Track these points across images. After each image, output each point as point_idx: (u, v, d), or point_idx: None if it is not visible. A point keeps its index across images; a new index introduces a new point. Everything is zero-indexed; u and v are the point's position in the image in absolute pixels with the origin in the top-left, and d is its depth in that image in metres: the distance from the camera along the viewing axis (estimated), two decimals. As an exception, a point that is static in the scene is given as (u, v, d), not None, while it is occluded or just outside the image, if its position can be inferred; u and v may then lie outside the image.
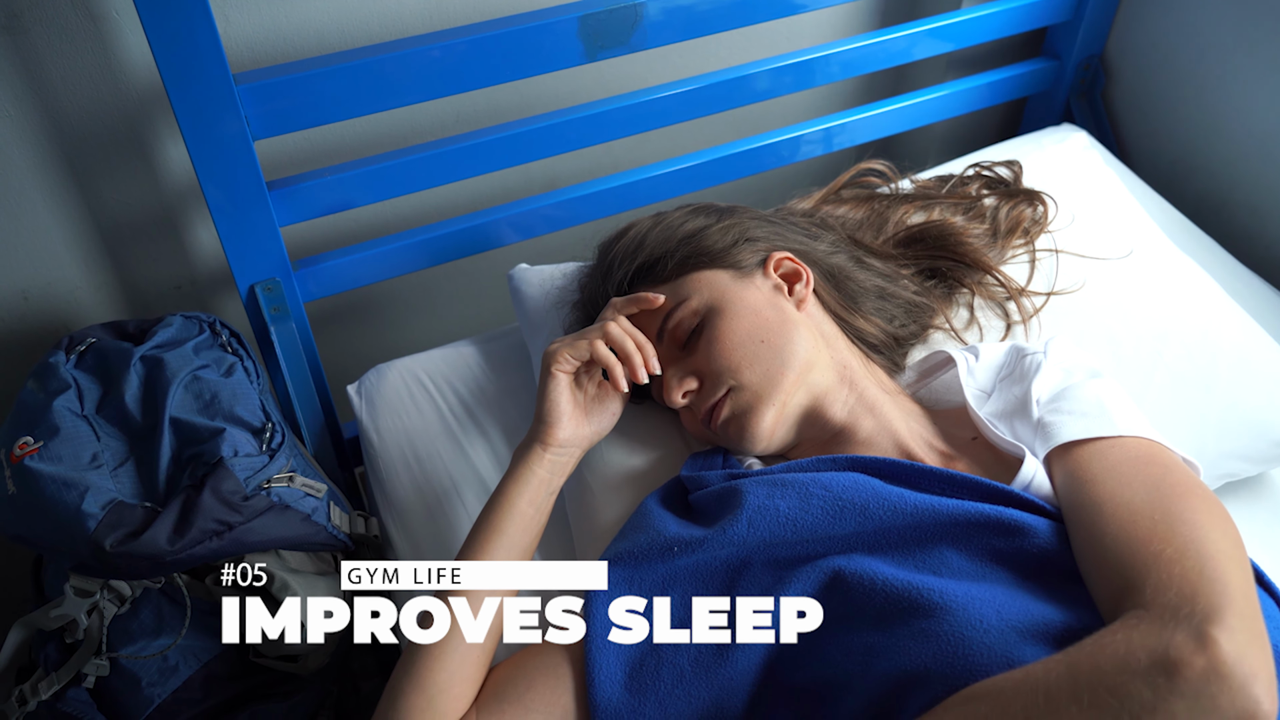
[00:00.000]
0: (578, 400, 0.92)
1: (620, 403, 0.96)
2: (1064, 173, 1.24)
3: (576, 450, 0.92)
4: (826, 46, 1.32)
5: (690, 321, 0.93)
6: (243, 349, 1.09)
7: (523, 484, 0.88)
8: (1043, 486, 0.82)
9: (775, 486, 0.84)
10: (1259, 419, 1.07)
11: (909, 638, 0.71)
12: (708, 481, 0.89)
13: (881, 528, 0.79)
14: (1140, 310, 1.11)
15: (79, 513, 0.89)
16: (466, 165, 1.18)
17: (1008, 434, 0.87)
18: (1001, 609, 0.71)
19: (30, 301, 1.22)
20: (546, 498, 0.90)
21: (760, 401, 0.89)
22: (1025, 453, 0.83)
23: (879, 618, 0.74)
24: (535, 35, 1.10)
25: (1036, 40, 1.57)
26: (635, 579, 0.84)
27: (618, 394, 0.94)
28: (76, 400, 1.00)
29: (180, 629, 0.98)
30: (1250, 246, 1.41)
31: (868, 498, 0.80)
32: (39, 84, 1.07)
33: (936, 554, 0.78)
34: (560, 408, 0.90)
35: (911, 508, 0.79)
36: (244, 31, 1.13)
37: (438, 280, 1.47)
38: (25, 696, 0.95)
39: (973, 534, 0.78)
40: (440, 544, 1.04)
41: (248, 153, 1.02)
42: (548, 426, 0.89)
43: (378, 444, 1.14)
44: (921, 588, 0.73)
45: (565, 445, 0.90)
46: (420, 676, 0.80)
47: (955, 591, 0.73)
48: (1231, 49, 1.36)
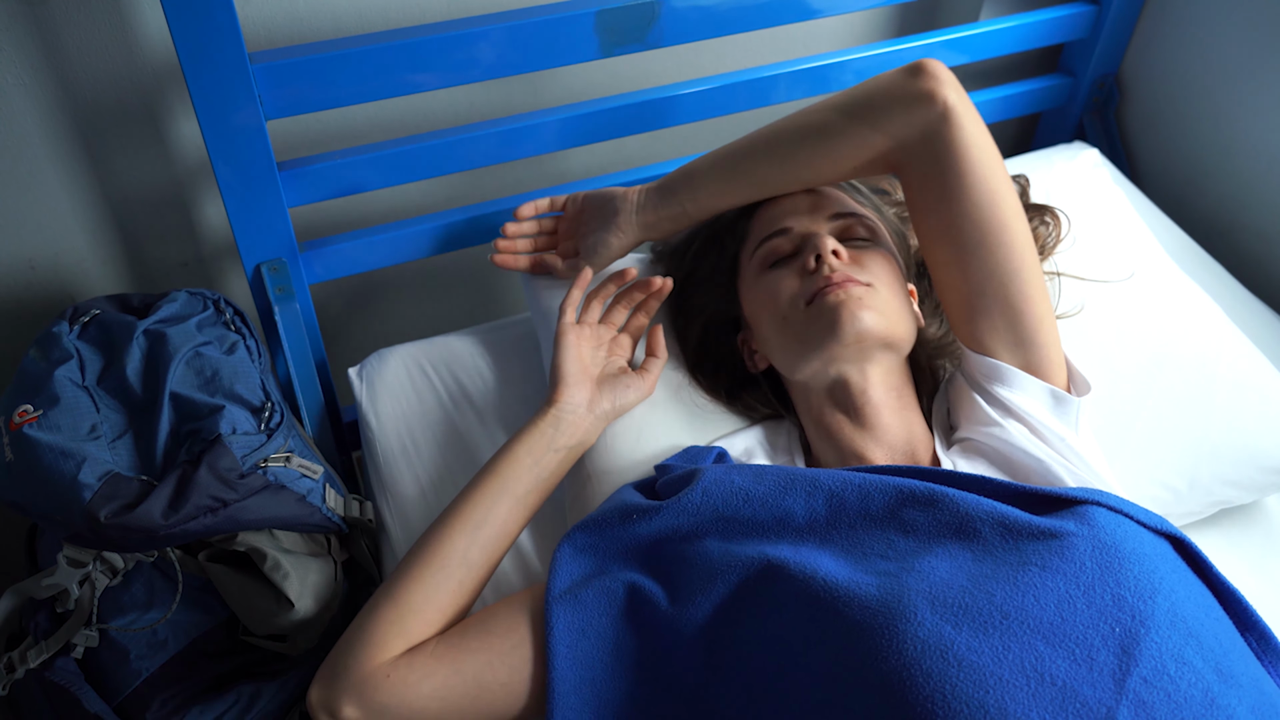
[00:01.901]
0: (585, 365, 0.98)
1: (644, 384, 1.00)
2: (1072, 189, 1.24)
3: (581, 413, 0.95)
4: (842, 53, 1.32)
5: (865, 235, 0.97)
6: (246, 328, 1.09)
7: (524, 435, 0.93)
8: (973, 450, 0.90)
9: (734, 469, 0.87)
10: (1255, 446, 1.07)
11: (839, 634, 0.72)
12: (675, 469, 0.91)
13: (832, 494, 0.81)
14: (1138, 332, 1.11)
15: (75, 483, 0.90)
16: (478, 155, 1.18)
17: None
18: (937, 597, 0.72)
19: (37, 271, 1.22)
20: (549, 454, 0.93)
21: (883, 316, 0.90)
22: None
23: (810, 614, 0.75)
24: (551, 28, 1.10)
25: (1052, 56, 1.57)
26: (598, 545, 0.86)
27: (640, 378, 1.00)
28: (78, 371, 1.00)
29: (171, 604, 0.99)
30: (1256, 272, 1.40)
31: (818, 472, 0.83)
32: (55, 55, 1.08)
33: (884, 538, 0.79)
34: (566, 366, 0.96)
35: (859, 478, 0.82)
36: (261, 11, 1.13)
37: (444, 268, 1.47)
38: (14, 664, 0.96)
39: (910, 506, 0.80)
40: (434, 531, 1.04)
41: (260, 132, 1.02)
42: (552, 385, 0.96)
43: (376, 429, 1.14)
44: (855, 594, 0.73)
45: (568, 407, 0.94)
46: (397, 592, 0.84)
47: (890, 590, 0.73)
48: (1246, 73, 1.36)
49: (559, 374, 0.96)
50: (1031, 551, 0.74)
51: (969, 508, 0.78)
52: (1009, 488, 0.81)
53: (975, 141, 0.90)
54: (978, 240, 0.90)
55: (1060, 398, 0.91)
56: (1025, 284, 0.91)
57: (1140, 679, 0.66)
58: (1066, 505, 0.79)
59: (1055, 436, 0.89)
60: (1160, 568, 0.73)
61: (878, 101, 0.92)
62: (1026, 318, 0.91)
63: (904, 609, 0.70)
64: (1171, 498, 1.06)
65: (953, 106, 0.89)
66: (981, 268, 0.91)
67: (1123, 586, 0.71)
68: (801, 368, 0.93)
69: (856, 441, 0.92)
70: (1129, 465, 1.05)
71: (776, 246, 0.96)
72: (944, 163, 0.90)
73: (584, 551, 0.86)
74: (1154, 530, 0.78)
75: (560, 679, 0.79)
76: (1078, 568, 0.72)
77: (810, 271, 0.92)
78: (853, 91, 0.95)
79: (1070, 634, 0.69)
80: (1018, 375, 0.91)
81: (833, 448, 0.93)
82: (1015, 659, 0.67)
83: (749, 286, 0.99)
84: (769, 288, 0.95)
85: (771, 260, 0.97)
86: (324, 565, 1.02)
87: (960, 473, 0.83)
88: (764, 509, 0.82)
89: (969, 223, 0.90)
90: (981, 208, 0.90)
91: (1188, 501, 1.07)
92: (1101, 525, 0.75)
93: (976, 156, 0.89)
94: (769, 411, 1.04)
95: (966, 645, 0.68)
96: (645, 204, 1.05)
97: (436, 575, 0.85)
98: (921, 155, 0.91)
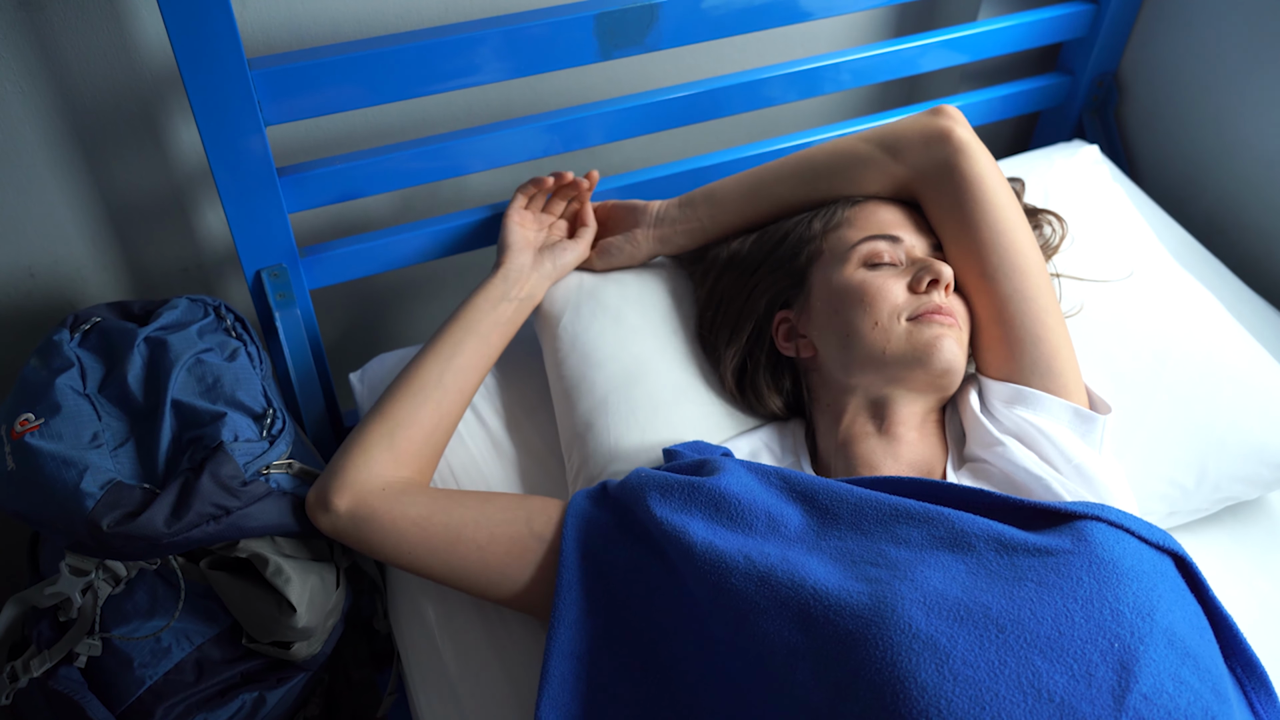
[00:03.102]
0: (528, 238, 1.12)
1: (578, 245, 1.13)
2: (1071, 188, 1.24)
3: (525, 269, 1.09)
4: (841, 54, 1.32)
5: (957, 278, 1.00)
6: (247, 334, 1.09)
7: (481, 290, 1.07)
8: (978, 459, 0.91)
9: (744, 464, 0.90)
10: (1261, 441, 1.07)
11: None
12: (684, 455, 0.94)
13: (826, 509, 0.83)
14: (1139, 329, 1.11)
15: (77, 491, 0.89)
16: (477, 159, 1.18)
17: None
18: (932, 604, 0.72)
19: (36, 279, 1.22)
20: (504, 302, 1.06)
21: (962, 360, 0.94)
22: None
23: (799, 622, 0.74)
24: (550, 31, 1.10)
25: (1051, 55, 1.57)
26: (615, 503, 0.91)
27: (575, 242, 1.13)
28: (79, 379, 1.00)
29: (174, 611, 0.98)
30: (1257, 269, 1.40)
31: (814, 484, 0.86)
32: (53, 62, 1.08)
33: (874, 549, 0.79)
34: (509, 237, 1.10)
35: (856, 495, 0.83)
36: (260, 16, 1.13)
37: (444, 272, 1.47)
38: (17, 673, 0.96)
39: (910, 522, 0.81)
40: (437, 536, 1.04)
41: (259, 138, 1.02)
42: (499, 252, 1.10)
43: (378, 433, 1.14)
44: (846, 602, 0.73)
45: (513, 268, 1.08)
46: (384, 410, 0.98)
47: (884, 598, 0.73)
48: (1246, 71, 1.36)
49: (505, 243, 1.10)
50: (1027, 567, 0.73)
51: (964, 524, 0.78)
52: (1006, 502, 0.81)
53: (987, 173, 0.98)
54: (995, 265, 0.94)
55: (1084, 416, 0.91)
56: (1041, 310, 0.93)
57: (1140, 696, 0.66)
58: (1064, 520, 0.78)
59: (1069, 457, 0.88)
60: (1159, 586, 0.72)
61: (902, 136, 1.02)
62: (1044, 344, 0.93)
63: (897, 618, 0.70)
64: (1179, 494, 1.06)
65: (966, 142, 0.99)
66: (999, 293, 0.94)
67: (1121, 603, 0.70)
68: (862, 375, 0.94)
69: (876, 453, 0.92)
70: (1136, 463, 1.05)
71: (881, 250, 0.97)
72: (961, 192, 0.97)
73: (598, 508, 0.90)
74: (1156, 546, 0.77)
75: (566, 585, 0.86)
76: (1074, 583, 0.71)
77: (919, 292, 0.94)
78: (880, 129, 1.05)
79: (1068, 649, 0.68)
80: (1040, 397, 0.92)
81: (845, 453, 0.93)
82: (1012, 674, 0.67)
83: (835, 274, 0.98)
84: (870, 286, 0.95)
85: (872, 261, 0.97)
86: (326, 571, 1.02)
87: (956, 485, 0.83)
88: (759, 508, 0.83)
89: (986, 248, 0.95)
90: (997, 234, 0.95)
91: (1195, 498, 1.07)
92: (1099, 541, 0.74)
93: (989, 186, 0.97)
94: (775, 408, 1.04)
95: (962, 659, 0.67)
96: (664, 217, 1.11)
97: (416, 395, 0.98)
98: (941, 185, 0.99)
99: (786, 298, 1.03)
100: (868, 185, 1.03)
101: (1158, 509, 1.06)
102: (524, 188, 1.14)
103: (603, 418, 1.02)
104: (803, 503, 0.84)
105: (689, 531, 0.82)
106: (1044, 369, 0.93)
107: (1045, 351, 0.93)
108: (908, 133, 1.02)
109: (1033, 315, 0.93)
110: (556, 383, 1.08)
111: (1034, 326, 0.93)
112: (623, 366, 1.05)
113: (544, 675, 0.82)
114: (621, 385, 1.03)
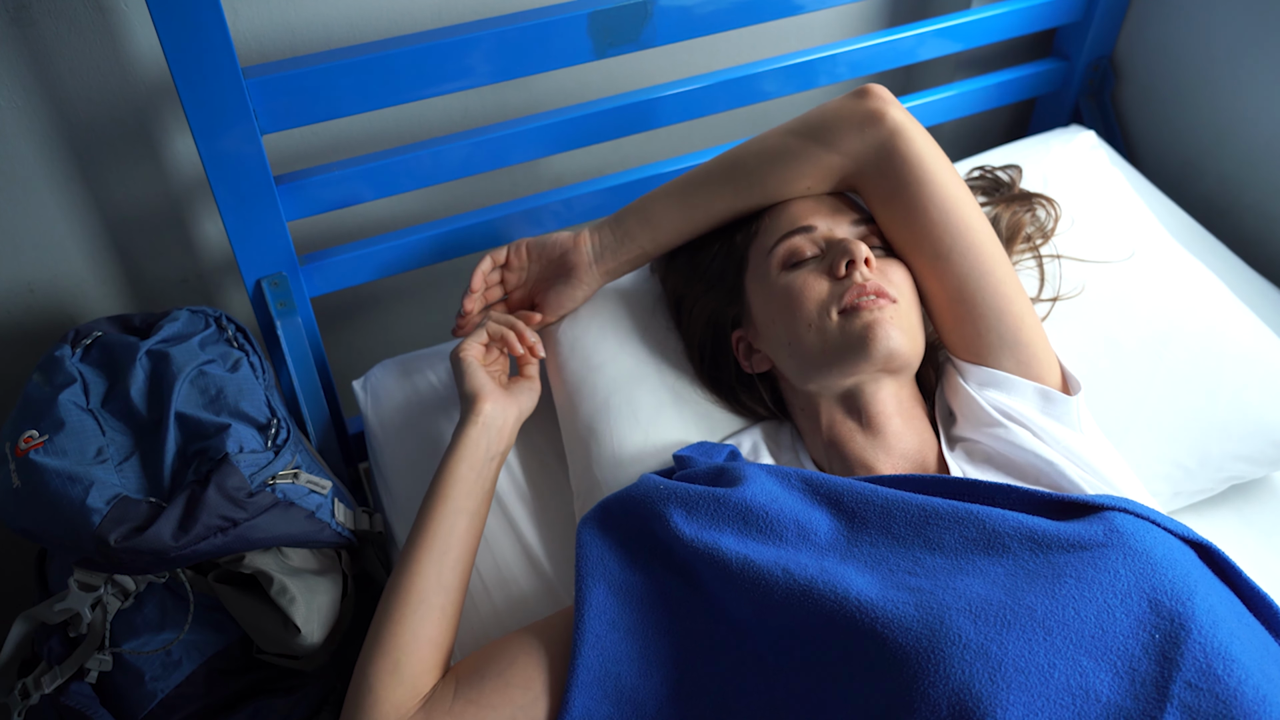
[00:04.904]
0: (495, 378, 1.00)
1: (535, 385, 1.03)
2: (1070, 172, 1.24)
3: (505, 419, 0.98)
4: (835, 46, 1.31)
5: (881, 243, 0.97)
6: (249, 344, 1.09)
7: (460, 452, 0.94)
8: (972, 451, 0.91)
9: (765, 470, 0.88)
10: (1264, 419, 1.07)
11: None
12: (694, 461, 0.92)
13: (853, 514, 0.81)
14: (1142, 311, 1.10)
15: (84, 507, 0.89)
16: (474, 161, 1.18)
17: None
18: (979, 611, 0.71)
19: (36, 294, 1.22)
20: (486, 463, 0.95)
21: (909, 337, 0.90)
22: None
23: (846, 639, 0.73)
24: (544, 31, 1.10)
25: (1046, 41, 1.57)
26: (626, 527, 0.87)
27: (530, 382, 1.02)
28: (82, 394, 1.00)
29: (184, 624, 0.98)
30: (1258, 250, 1.40)
31: (838, 486, 0.84)
32: (47, 76, 1.07)
33: (910, 555, 0.78)
34: (479, 382, 0.97)
35: (881, 498, 0.81)
36: (253, 25, 1.13)
37: (444, 277, 1.47)
38: (28, 690, 0.95)
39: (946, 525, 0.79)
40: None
41: (256, 147, 1.02)
42: (473, 400, 0.96)
43: (382, 440, 1.14)
44: (893, 615, 0.72)
45: (493, 416, 0.96)
46: (384, 639, 0.84)
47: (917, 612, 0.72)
48: (1242, 52, 1.35)
49: (476, 389, 0.97)
50: (1064, 564, 0.73)
51: (994, 522, 0.77)
52: (1031, 495, 0.81)
53: (927, 152, 0.94)
54: (949, 245, 0.92)
55: (1050, 396, 0.91)
56: (1000, 283, 0.92)
57: (1184, 684, 0.66)
58: (1091, 512, 0.78)
59: (1053, 439, 0.88)
60: (1193, 573, 0.73)
61: (831, 123, 0.96)
62: (1007, 316, 0.92)
63: (946, 629, 0.69)
64: (1183, 475, 1.06)
65: (901, 123, 0.94)
66: (955, 272, 0.92)
67: (1159, 592, 0.70)
68: (816, 378, 0.92)
69: (867, 451, 0.91)
70: (1139, 444, 1.05)
71: (798, 246, 0.94)
72: (903, 175, 0.93)
73: (609, 531, 0.87)
74: (1179, 537, 0.77)
75: (584, 667, 0.80)
76: (1112, 576, 0.71)
77: (840, 277, 0.91)
78: (804, 117, 0.99)
79: (1112, 646, 0.68)
80: (1008, 379, 0.91)
81: (840, 455, 0.92)
82: (1061, 676, 0.67)
83: (763, 285, 0.96)
84: (792, 289, 0.92)
85: (793, 260, 0.94)
86: (332, 584, 1.02)
87: (979, 481, 0.83)
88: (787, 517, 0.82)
89: (936, 229, 0.92)
90: (945, 213, 0.92)
91: (1199, 478, 1.07)
92: (1130, 532, 0.74)
93: (931, 166, 0.93)
94: (764, 413, 1.03)
95: (1014, 665, 0.67)
96: (603, 252, 1.05)
97: (418, 610, 0.85)
98: (881, 170, 0.94)
99: (735, 316, 1.01)
100: (803, 181, 0.98)
101: (1162, 489, 1.06)
102: (477, 333, 1.01)
103: (605, 419, 1.02)
104: (829, 506, 0.83)
105: (721, 548, 0.80)
106: (1011, 340, 0.92)
107: (1010, 323, 0.92)
108: (836, 120, 0.96)
109: (992, 289, 0.91)
110: (559, 388, 1.08)
111: (995, 300, 0.91)
112: (623, 368, 1.04)
113: (572, 670, 0.81)
114: (623, 386, 1.03)
